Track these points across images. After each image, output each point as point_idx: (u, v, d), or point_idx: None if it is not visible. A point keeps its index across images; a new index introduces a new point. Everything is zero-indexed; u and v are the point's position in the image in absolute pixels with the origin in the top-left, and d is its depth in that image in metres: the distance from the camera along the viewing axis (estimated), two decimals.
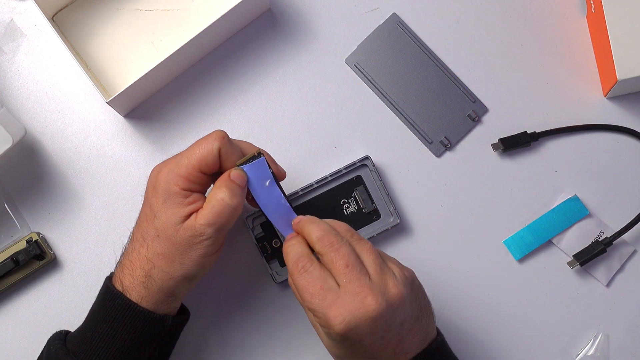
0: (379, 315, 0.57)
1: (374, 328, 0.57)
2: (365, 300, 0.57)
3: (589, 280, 0.75)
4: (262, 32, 0.78)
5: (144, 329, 0.62)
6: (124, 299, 0.62)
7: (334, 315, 0.57)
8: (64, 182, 0.76)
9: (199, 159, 0.62)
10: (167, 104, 0.78)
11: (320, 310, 0.57)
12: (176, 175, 0.62)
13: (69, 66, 0.78)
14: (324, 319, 0.57)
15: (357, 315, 0.57)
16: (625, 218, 0.75)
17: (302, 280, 0.59)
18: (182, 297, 0.64)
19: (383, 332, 0.58)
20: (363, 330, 0.57)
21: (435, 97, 0.78)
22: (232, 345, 0.74)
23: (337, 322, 0.56)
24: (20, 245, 0.73)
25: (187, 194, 0.62)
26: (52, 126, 0.77)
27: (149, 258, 0.62)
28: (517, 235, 0.75)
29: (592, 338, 0.74)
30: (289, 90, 0.78)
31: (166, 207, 0.62)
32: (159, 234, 0.62)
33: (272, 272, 0.73)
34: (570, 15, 0.79)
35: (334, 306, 0.57)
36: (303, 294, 0.59)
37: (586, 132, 0.77)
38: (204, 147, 0.62)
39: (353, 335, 0.57)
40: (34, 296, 0.75)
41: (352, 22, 0.79)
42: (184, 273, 0.62)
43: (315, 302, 0.58)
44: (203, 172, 0.62)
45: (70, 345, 0.63)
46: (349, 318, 0.56)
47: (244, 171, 0.63)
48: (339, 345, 0.58)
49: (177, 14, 0.78)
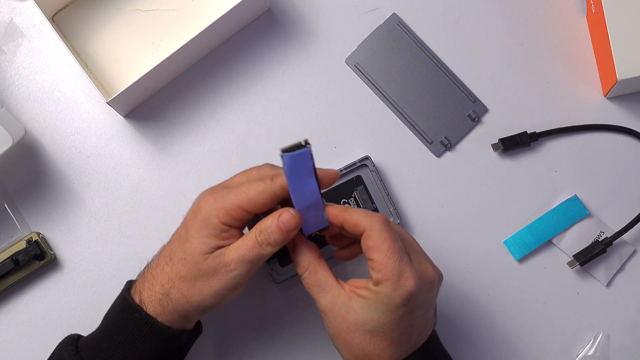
0: (434, 283, 0.60)
1: (427, 298, 0.60)
2: (428, 270, 0.60)
3: (589, 280, 0.75)
4: (262, 32, 0.78)
5: (160, 344, 0.62)
6: (142, 313, 0.61)
7: (408, 275, 0.58)
8: (64, 182, 0.76)
9: (247, 200, 0.60)
10: (167, 104, 0.78)
11: (397, 268, 0.58)
12: (220, 207, 0.60)
13: (69, 66, 0.78)
14: (395, 277, 0.58)
15: (424, 280, 0.59)
16: (625, 218, 0.75)
17: (390, 232, 0.59)
18: (195, 320, 0.64)
19: (427, 306, 0.60)
20: (422, 298, 0.59)
21: (435, 97, 0.78)
22: (232, 345, 0.74)
23: (411, 282, 0.58)
24: (20, 245, 0.73)
25: (225, 228, 0.60)
26: (52, 126, 0.77)
27: (171, 277, 0.61)
28: (517, 235, 0.75)
29: (592, 338, 0.74)
30: (289, 90, 0.78)
31: (201, 234, 0.61)
32: (187, 257, 0.61)
33: (272, 272, 0.73)
34: (570, 15, 0.79)
35: (408, 268, 0.58)
36: (382, 246, 0.59)
37: (586, 132, 0.77)
38: (255, 189, 0.60)
39: (415, 299, 0.58)
40: (34, 296, 0.75)
41: (352, 22, 0.79)
42: (200, 301, 0.61)
43: (395, 257, 0.58)
44: (248, 212, 0.61)
45: (82, 352, 0.63)
46: (420, 281, 0.58)
47: (295, 216, 0.60)
48: (392, 312, 0.58)
49: (177, 14, 0.78)
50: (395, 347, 0.60)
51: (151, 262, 0.64)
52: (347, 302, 0.59)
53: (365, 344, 0.59)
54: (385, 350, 0.60)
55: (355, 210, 0.61)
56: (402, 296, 0.58)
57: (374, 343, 0.59)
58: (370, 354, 0.60)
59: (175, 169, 0.77)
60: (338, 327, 0.60)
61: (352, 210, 0.60)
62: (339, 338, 0.60)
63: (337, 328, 0.60)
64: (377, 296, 0.58)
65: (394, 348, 0.60)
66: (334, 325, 0.60)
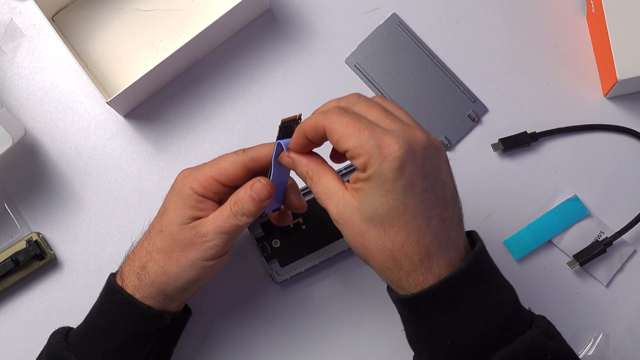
0: (428, 147, 0.53)
1: (425, 163, 0.53)
2: (416, 133, 0.54)
3: (589, 280, 0.75)
4: (262, 32, 0.78)
5: (142, 324, 0.62)
6: (123, 294, 0.62)
7: (389, 142, 0.52)
8: (64, 182, 0.76)
9: (219, 170, 0.62)
10: (167, 104, 0.78)
11: (372, 141, 0.52)
12: (193, 179, 0.62)
13: (69, 66, 0.78)
14: (375, 150, 0.52)
15: (412, 143, 0.53)
16: (625, 218, 0.75)
17: (342, 119, 0.53)
18: (175, 299, 0.64)
19: (432, 177, 0.54)
20: (419, 166, 0.53)
21: (435, 97, 0.78)
22: (232, 345, 0.74)
23: (395, 148, 0.52)
24: (20, 245, 0.73)
25: (200, 199, 0.62)
26: (52, 126, 0.77)
27: (149, 251, 0.62)
28: (517, 235, 0.75)
29: (591, 338, 0.74)
30: (289, 90, 0.78)
31: (176, 206, 0.62)
32: (163, 229, 0.62)
33: (272, 272, 0.73)
34: (570, 15, 0.79)
35: (386, 136, 0.52)
36: (347, 131, 0.53)
37: (586, 132, 0.77)
38: (227, 160, 0.62)
39: (410, 166, 0.52)
40: (34, 296, 0.75)
41: (352, 22, 0.79)
42: (178, 272, 0.61)
43: (366, 133, 0.52)
44: (221, 183, 0.62)
45: (71, 339, 0.64)
46: (406, 144, 0.52)
47: (266, 185, 0.60)
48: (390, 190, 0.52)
49: (177, 14, 0.78)
50: (416, 236, 0.53)
51: (133, 244, 0.66)
52: (349, 202, 0.55)
53: (382, 241, 0.54)
54: (406, 243, 0.53)
55: (309, 116, 0.57)
56: (391, 165, 0.52)
57: (390, 236, 0.53)
58: (394, 254, 0.54)
59: (175, 169, 0.77)
60: (352, 233, 0.55)
61: (308, 117, 0.57)
62: (358, 246, 0.55)
63: (351, 234, 0.55)
64: (370, 181, 0.53)
65: (414, 237, 0.53)
66: (348, 233, 0.56)
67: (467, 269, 0.54)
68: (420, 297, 0.54)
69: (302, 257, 0.73)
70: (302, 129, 0.57)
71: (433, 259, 0.54)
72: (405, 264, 0.54)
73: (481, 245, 0.57)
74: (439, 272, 0.54)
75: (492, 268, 0.57)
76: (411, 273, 0.54)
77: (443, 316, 0.54)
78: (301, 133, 0.57)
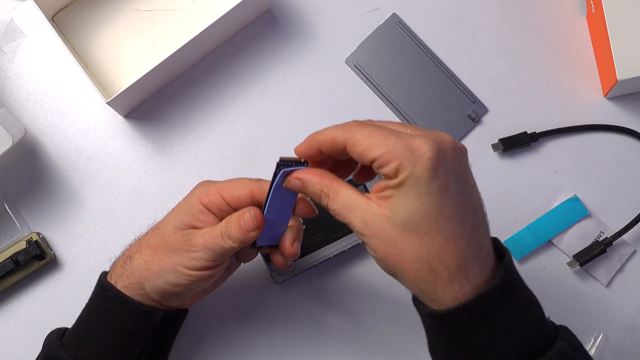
0: (457, 148, 0.52)
1: (455, 165, 0.52)
2: (441, 135, 0.52)
3: (589, 280, 0.75)
4: (262, 32, 0.78)
5: (134, 320, 0.62)
6: (114, 291, 0.62)
7: (418, 144, 0.50)
8: (64, 182, 0.76)
9: (228, 188, 0.61)
10: (167, 104, 0.78)
11: (402, 145, 0.50)
12: (204, 189, 0.62)
13: (69, 66, 0.78)
14: (407, 153, 0.50)
15: (441, 143, 0.51)
16: (625, 218, 0.75)
17: (364, 130, 0.52)
18: (153, 297, 0.62)
19: (463, 180, 0.52)
20: (449, 162, 0.51)
21: (435, 97, 0.78)
22: (232, 345, 0.74)
23: (426, 148, 0.50)
24: (20, 245, 0.73)
25: (203, 210, 0.62)
26: (52, 126, 0.77)
27: (141, 244, 0.63)
28: (516, 235, 0.75)
29: (591, 338, 0.74)
30: (289, 90, 0.78)
31: (180, 209, 0.63)
32: (159, 227, 0.63)
33: (272, 272, 0.73)
34: (570, 15, 0.79)
35: (415, 139, 0.51)
36: (371, 140, 0.51)
37: (586, 132, 0.77)
38: (238, 181, 0.62)
39: (442, 167, 0.50)
40: (34, 296, 0.75)
41: (352, 22, 0.79)
42: (158, 271, 0.61)
43: (392, 138, 0.51)
44: (226, 201, 0.61)
45: (65, 339, 0.64)
46: (436, 145, 0.51)
47: (252, 218, 0.59)
48: (425, 192, 0.50)
49: (177, 14, 0.78)
50: (453, 242, 0.51)
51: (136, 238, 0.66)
52: (377, 212, 0.52)
53: (417, 249, 0.51)
54: (443, 250, 0.51)
55: (324, 129, 0.55)
56: (425, 166, 0.50)
57: (426, 243, 0.51)
58: (430, 262, 0.51)
59: (175, 169, 0.77)
60: (381, 244, 0.52)
61: (322, 130, 0.55)
62: (389, 256, 0.52)
63: (380, 246, 0.52)
64: (402, 185, 0.50)
65: (451, 244, 0.51)
66: (376, 244, 0.52)
67: (501, 282, 0.52)
68: (456, 313, 0.51)
69: (302, 257, 0.73)
70: (315, 142, 0.55)
71: (469, 266, 0.51)
72: (442, 272, 0.51)
73: (510, 256, 0.55)
74: (476, 282, 0.52)
75: (520, 280, 0.56)
76: (447, 283, 0.51)
77: (477, 332, 0.52)
78: (314, 145, 0.56)
